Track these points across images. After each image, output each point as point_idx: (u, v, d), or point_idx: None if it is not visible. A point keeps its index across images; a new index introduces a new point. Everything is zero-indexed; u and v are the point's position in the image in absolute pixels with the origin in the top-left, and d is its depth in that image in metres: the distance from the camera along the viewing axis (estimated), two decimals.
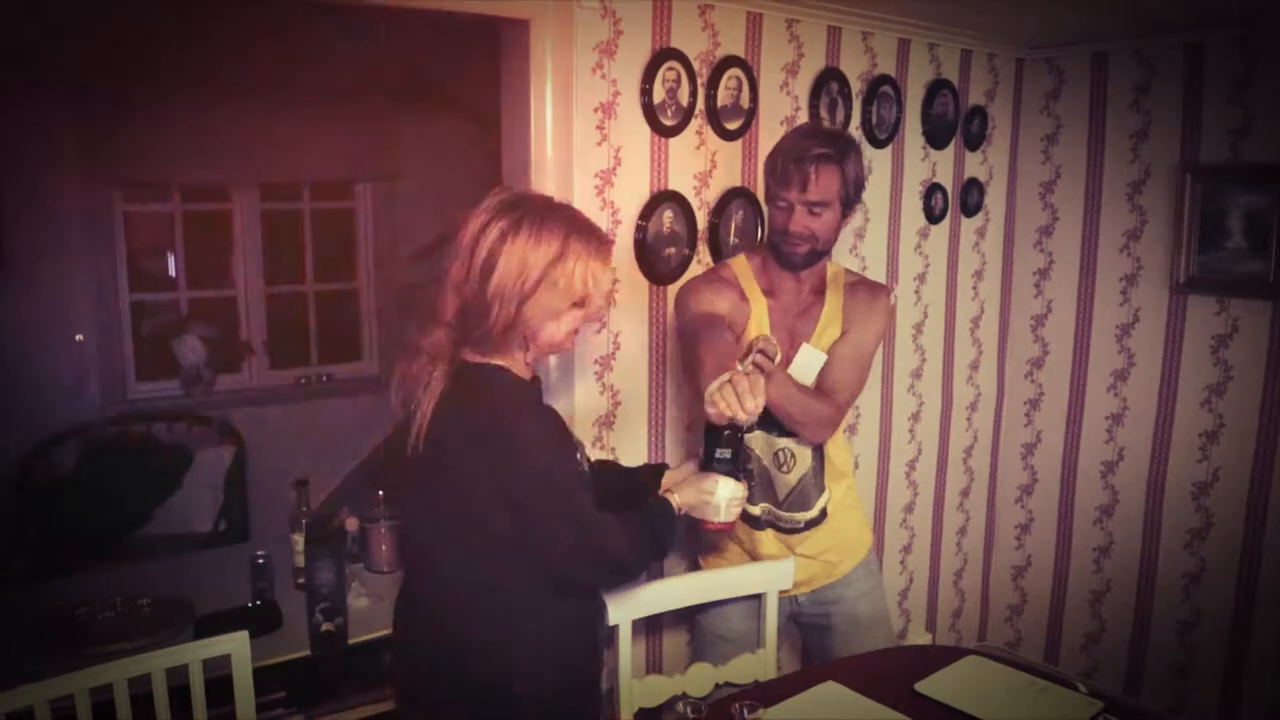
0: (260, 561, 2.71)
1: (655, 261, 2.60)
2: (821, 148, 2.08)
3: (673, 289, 2.63)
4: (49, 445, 3.99)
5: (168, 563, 3.25)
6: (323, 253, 4.91)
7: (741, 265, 2.29)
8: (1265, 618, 3.04)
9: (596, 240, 1.67)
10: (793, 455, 2.25)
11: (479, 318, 1.62)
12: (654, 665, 2.79)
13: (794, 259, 2.16)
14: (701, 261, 2.70)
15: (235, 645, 1.77)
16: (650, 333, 2.66)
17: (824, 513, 2.32)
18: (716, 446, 1.90)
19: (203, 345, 4.48)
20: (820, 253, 2.18)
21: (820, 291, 2.26)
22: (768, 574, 2.28)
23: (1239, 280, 3.01)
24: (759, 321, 2.23)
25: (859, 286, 2.30)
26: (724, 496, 1.89)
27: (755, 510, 2.29)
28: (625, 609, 2.12)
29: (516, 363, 1.72)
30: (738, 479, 1.91)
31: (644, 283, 2.60)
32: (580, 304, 1.67)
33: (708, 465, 1.93)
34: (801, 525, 2.31)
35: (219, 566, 2.94)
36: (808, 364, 2.21)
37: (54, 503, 3.84)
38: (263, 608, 2.60)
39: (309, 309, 4.89)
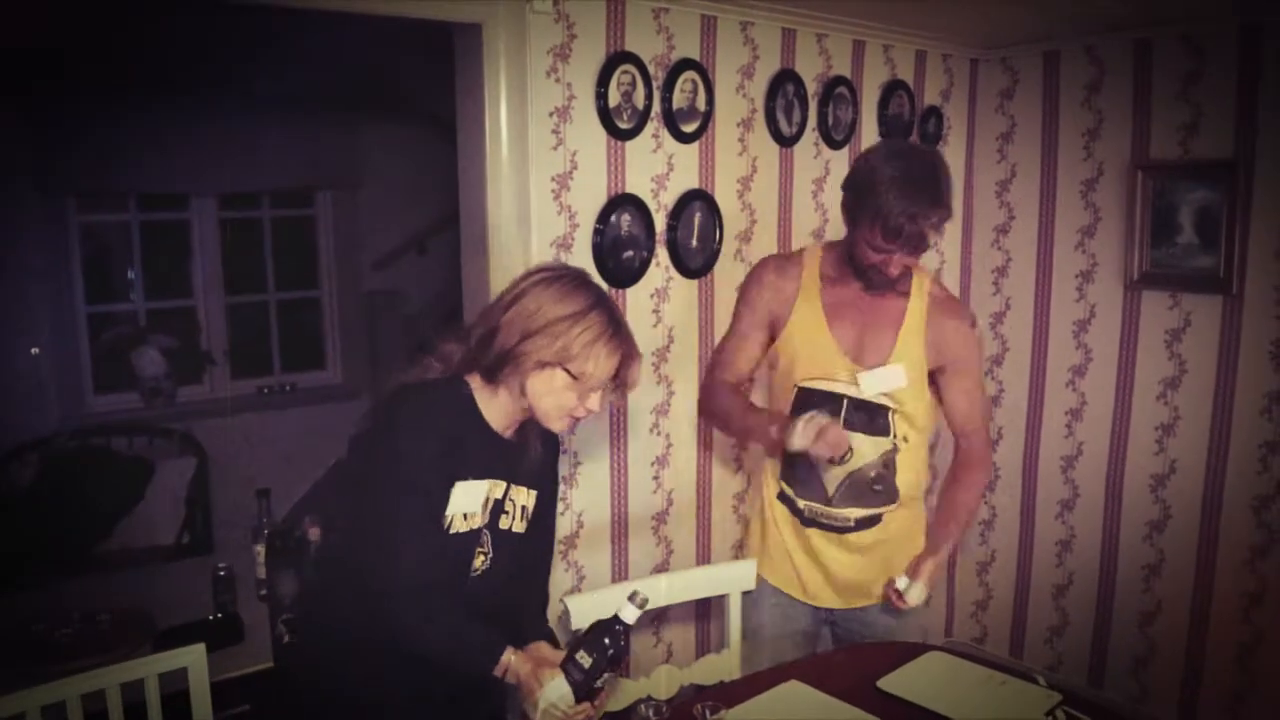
0: (221, 573, 2.69)
1: (615, 265, 2.61)
2: (938, 211, 1.99)
3: (633, 292, 2.64)
4: (7, 459, 3.92)
5: (130, 576, 3.22)
6: (284, 261, 4.87)
7: (813, 260, 2.22)
8: (1222, 608, 3.08)
9: (620, 332, 1.71)
10: (850, 448, 2.14)
11: (486, 342, 1.69)
12: (623, 669, 2.78)
13: (880, 285, 2.12)
14: (660, 264, 2.70)
15: (192, 659, 1.75)
16: None
17: (880, 518, 2.22)
18: (583, 647, 1.64)
19: (162, 357, 4.43)
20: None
21: (903, 294, 2.17)
22: (731, 574, 2.28)
23: (1191, 275, 3.05)
24: (804, 326, 2.18)
25: (945, 305, 2.21)
26: (547, 698, 1.62)
27: (800, 505, 2.24)
28: (587, 611, 2.12)
29: (498, 399, 1.74)
30: (577, 692, 1.63)
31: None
32: (575, 377, 1.68)
33: (565, 659, 1.66)
34: (852, 524, 2.21)
35: (182, 579, 2.91)
36: (885, 380, 2.14)
37: (12, 517, 3.77)
38: (224, 620, 2.57)
39: (271, 318, 4.84)
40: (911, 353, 2.15)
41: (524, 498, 1.81)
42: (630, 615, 1.66)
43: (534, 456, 1.83)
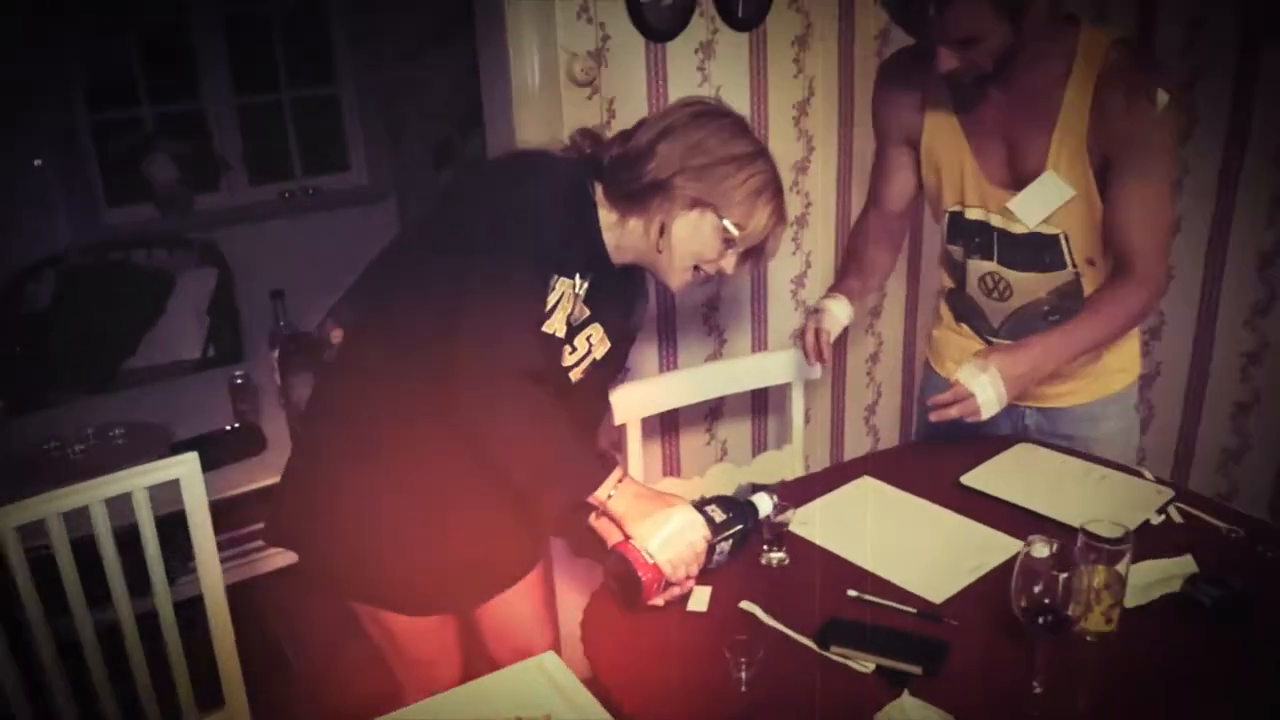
0: (239, 382, 2.52)
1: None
2: None
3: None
4: (23, 279, 3.75)
5: (157, 392, 3.08)
6: (294, 54, 4.50)
7: None
8: None
9: (781, 191, 1.54)
10: (1006, 284, 1.82)
11: (632, 165, 1.47)
12: (671, 468, 2.60)
13: (966, 98, 1.73)
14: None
15: (185, 469, 1.55)
16: None
17: None
18: (716, 503, 1.45)
19: (173, 163, 4.16)
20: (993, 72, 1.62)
21: (1061, 72, 1.64)
22: (795, 361, 2.03)
23: None
24: (938, 142, 1.80)
25: (1124, 73, 1.60)
26: (679, 520, 1.38)
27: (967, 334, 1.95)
28: (632, 405, 1.89)
29: (622, 228, 1.51)
30: (713, 538, 1.41)
31: None
32: (726, 227, 1.48)
33: (696, 504, 1.44)
34: None
35: (206, 392, 2.75)
36: (1041, 201, 1.70)
37: (33, 338, 3.63)
38: (242, 430, 2.41)
39: (286, 118, 4.53)
40: (1070, 150, 1.66)
41: (599, 343, 1.53)
42: (765, 506, 1.50)
43: (629, 306, 1.62)
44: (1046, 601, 1.17)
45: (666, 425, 2.53)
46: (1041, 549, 1.48)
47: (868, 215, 2.02)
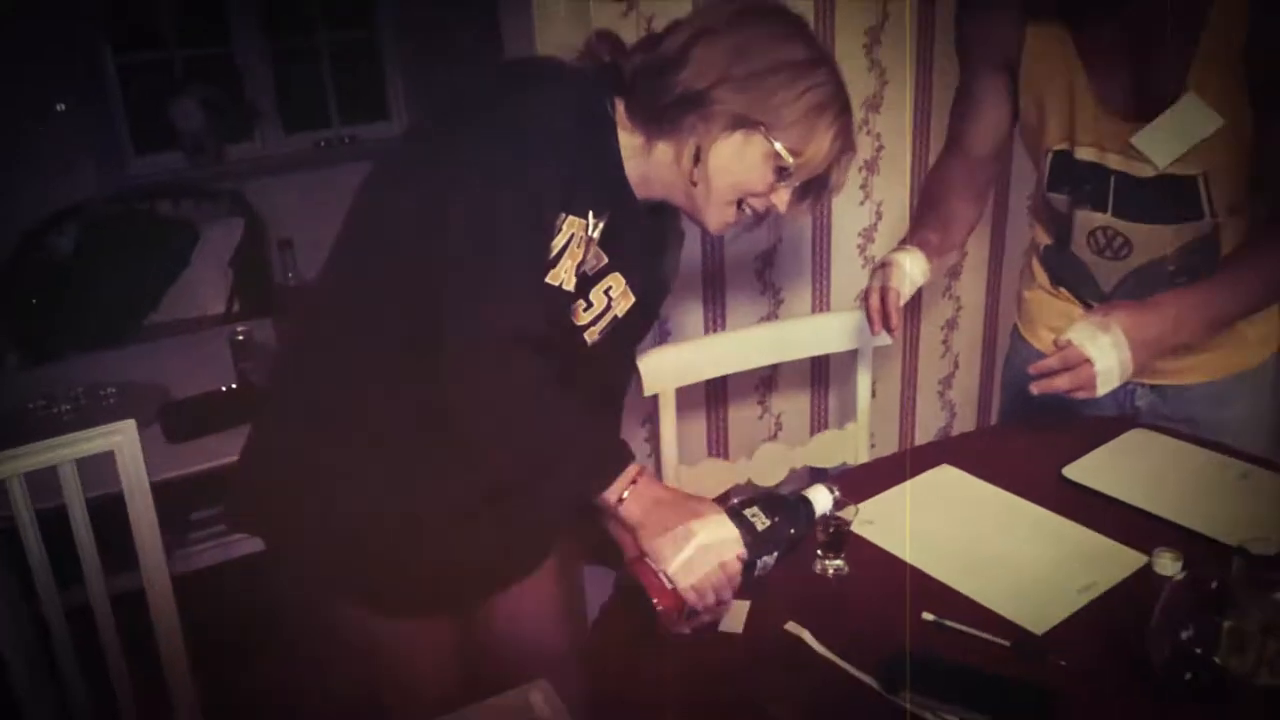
0: (240, 338, 2.28)
1: None
2: None
3: None
4: (44, 229, 3.57)
5: (173, 348, 2.88)
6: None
7: None
8: None
9: (848, 110, 1.22)
10: (1123, 240, 1.49)
11: (661, 75, 1.17)
12: (717, 447, 2.31)
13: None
14: None
15: (119, 439, 1.30)
16: None
17: None
18: (757, 505, 1.13)
19: (202, 109, 3.94)
20: None
21: None
22: (861, 325, 1.72)
23: None
24: (1043, 66, 1.47)
25: None
26: (711, 534, 1.08)
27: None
28: (666, 372, 1.60)
29: (648, 155, 1.21)
30: (752, 553, 1.09)
31: None
32: (778, 154, 1.16)
33: (729, 508, 1.14)
34: None
35: (218, 348, 2.53)
36: (1177, 133, 1.37)
37: (53, 290, 3.46)
38: (240, 390, 2.17)
39: (322, 63, 4.28)
40: (1220, 65, 1.32)
41: (620, 298, 1.22)
42: (822, 502, 1.17)
43: (658, 252, 1.32)
44: (1198, 652, 0.86)
45: (713, 397, 2.25)
46: (1169, 564, 1.19)
47: (948, 159, 1.68)
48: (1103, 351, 1.26)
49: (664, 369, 1.59)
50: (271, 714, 2.03)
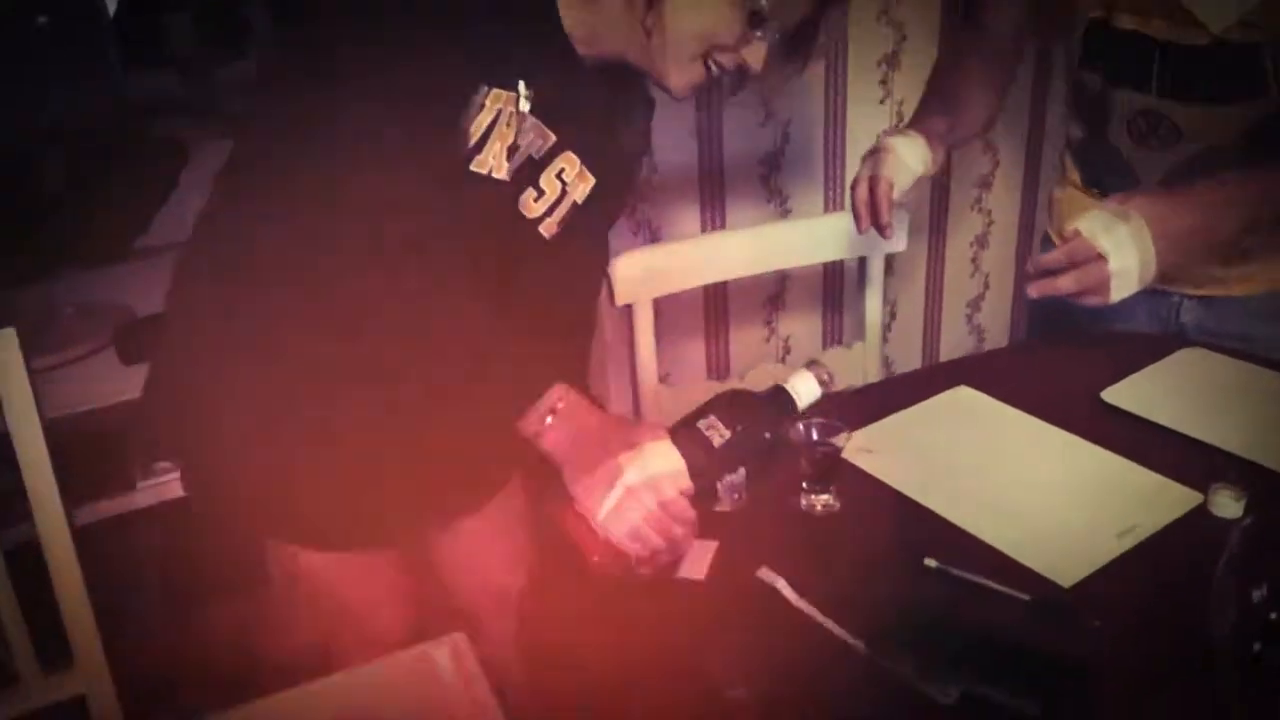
0: None
1: None
2: None
3: None
4: (32, 150, 3.43)
5: (159, 267, 2.75)
6: None
7: None
8: None
9: None
10: (1169, 124, 1.27)
11: None
12: (718, 369, 2.12)
13: None
14: None
15: None
16: None
17: None
18: (716, 414, 0.92)
19: (194, 26, 3.76)
20: None
21: None
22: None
23: None
24: None
25: None
26: (646, 467, 0.87)
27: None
28: (641, 278, 1.40)
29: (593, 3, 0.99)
30: (700, 472, 0.89)
31: None
32: (753, 9, 0.95)
33: (676, 426, 0.93)
34: None
35: None
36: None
37: (38, 212, 3.33)
38: None
39: None
40: None
41: (576, 180, 1.03)
42: (806, 391, 0.95)
43: (614, 120, 1.10)
44: (1273, 617, 0.66)
45: (714, 315, 2.05)
46: (1229, 503, 0.99)
47: (962, 35, 1.45)
48: (1119, 245, 1.05)
49: (638, 275, 1.38)
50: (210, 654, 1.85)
